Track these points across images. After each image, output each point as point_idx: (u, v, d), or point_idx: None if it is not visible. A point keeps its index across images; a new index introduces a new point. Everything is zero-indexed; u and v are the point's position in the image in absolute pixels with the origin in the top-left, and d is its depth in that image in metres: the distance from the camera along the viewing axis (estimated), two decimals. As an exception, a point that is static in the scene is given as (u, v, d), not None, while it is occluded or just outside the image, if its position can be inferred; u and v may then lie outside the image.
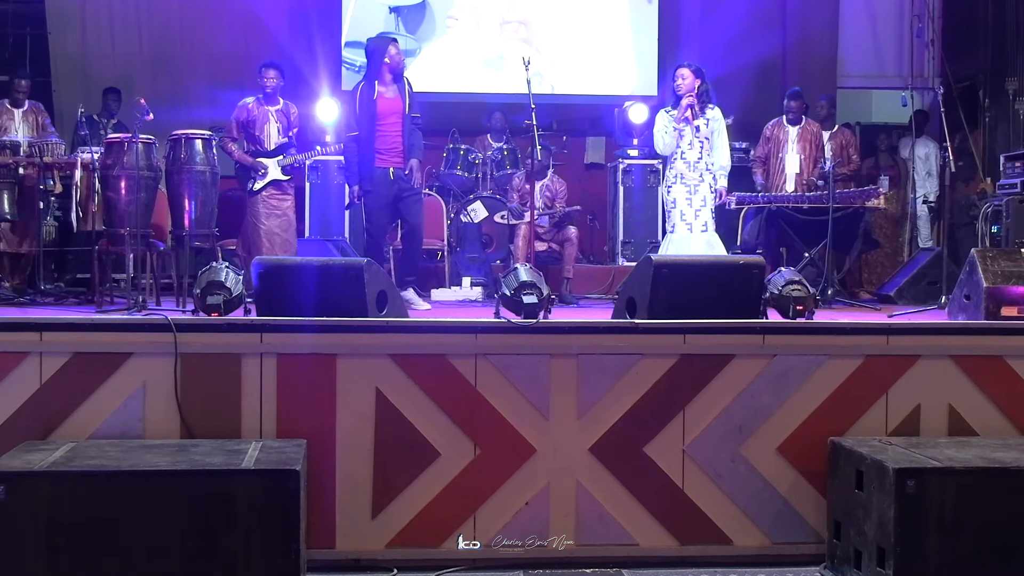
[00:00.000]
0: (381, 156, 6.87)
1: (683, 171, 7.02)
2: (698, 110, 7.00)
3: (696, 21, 10.09)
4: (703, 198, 6.98)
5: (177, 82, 9.59)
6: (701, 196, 6.98)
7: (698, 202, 6.97)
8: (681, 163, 7.03)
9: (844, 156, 8.47)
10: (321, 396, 4.60)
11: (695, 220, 6.95)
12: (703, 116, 7.02)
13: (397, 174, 6.87)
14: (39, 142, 7.04)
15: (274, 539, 3.88)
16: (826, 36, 10.19)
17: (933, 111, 9.24)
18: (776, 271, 5.62)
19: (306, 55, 9.65)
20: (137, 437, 4.51)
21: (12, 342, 4.56)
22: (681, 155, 7.03)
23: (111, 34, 9.74)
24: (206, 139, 6.44)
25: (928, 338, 4.94)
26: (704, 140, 7.00)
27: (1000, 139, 9.69)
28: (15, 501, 3.76)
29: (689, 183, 6.99)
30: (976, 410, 4.82)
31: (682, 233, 6.97)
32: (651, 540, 4.71)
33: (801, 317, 5.17)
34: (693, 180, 7.00)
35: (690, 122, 6.99)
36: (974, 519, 4.02)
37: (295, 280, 4.94)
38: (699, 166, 7.00)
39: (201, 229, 6.34)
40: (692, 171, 7.00)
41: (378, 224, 7.00)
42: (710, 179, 7.03)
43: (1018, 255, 5.47)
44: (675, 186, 7.04)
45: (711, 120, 7.04)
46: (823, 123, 8.53)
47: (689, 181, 6.99)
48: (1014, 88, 9.56)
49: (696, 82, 7.03)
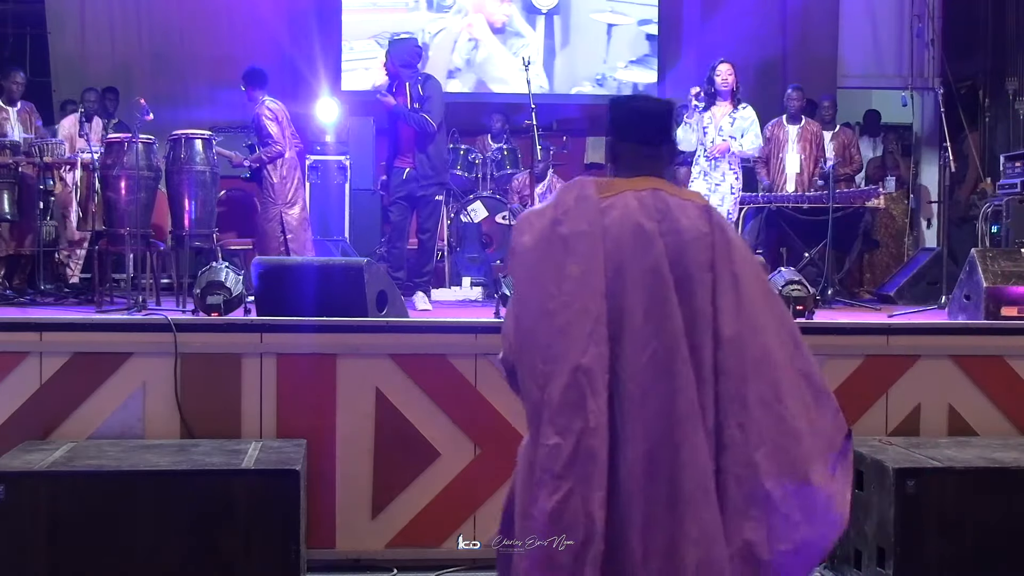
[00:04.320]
0: (398, 156, 6.91)
1: (706, 168, 7.08)
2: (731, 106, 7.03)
3: (696, 21, 10.08)
4: (721, 197, 6.99)
5: (177, 82, 9.57)
6: (720, 195, 6.99)
7: (716, 200, 6.95)
8: (704, 160, 7.09)
9: (846, 156, 8.47)
10: (321, 396, 4.59)
11: None
12: (732, 115, 7.05)
13: (411, 175, 6.87)
14: (39, 142, 7.04)
15: (274, 539, 3.87)
16: (826, 36, 10.18)
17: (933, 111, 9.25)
18: (776, 271, 5.63)
19: (306, 55, 9.64)
20: (137, 437, 4.51)
21: (12, 342, 4.56)
22: (704, 152, 7.09)
23: (111, 34, 9.73)
24: (206, 139, 6.43)
25: (928, 338, 4.94)
26: (728, 139, 7.01)
27: (1000, 139, 9.69)
28: (15, 501, 3.76)
29: (711, 181, 7.04)
30: (976, 410, 4.81)
31: None
32: (651, 540, 4.70)
33: (801, 317, 5.17)
34: (715, 179, 7.03)
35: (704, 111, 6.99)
36: (974, 519, 4.02)
37: (295, 280, 4.94)
38: (721, 165, 7.02)
39: (201, 229, 6.34)
40: (714, 169, 7.03)
41: (392, 223, 7.06)
42: (732, 179, 7.04)
43: (1018, 255, 5.47)
44: (696, 181, 7.09)
45: (739, 119, 7.06)
46: (827, 124, 8.53)
47: (711, 179, 7.04)
48: (1014, 88, 9.55)
49: (736, 81, 7.10)
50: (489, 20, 10.31)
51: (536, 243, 2.33)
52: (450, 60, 10.26)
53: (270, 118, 7.21)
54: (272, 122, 7.20)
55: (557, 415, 2.26)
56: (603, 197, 2.35)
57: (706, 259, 2.30)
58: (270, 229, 7.28)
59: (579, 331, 2.25)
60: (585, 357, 2.24)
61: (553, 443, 2.27)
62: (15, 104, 7.54)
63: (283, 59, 9.38)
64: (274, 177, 7.25)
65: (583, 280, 2.26)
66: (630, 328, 2.26)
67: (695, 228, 2.31)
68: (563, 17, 10.37)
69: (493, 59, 10.25)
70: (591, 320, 2.24)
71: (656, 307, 2.26)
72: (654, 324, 2.25)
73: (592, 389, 2.23)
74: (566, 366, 2.25)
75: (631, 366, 2.25)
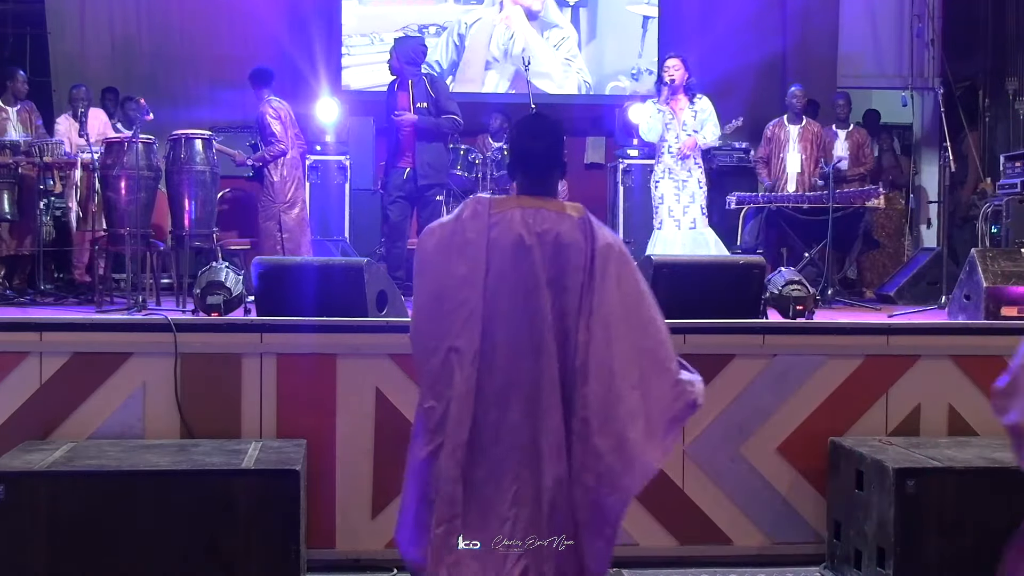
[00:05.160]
0: (398, 156, 6.91)
1: (671, 165, 6.93)
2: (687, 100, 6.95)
3: (696, 21, 10.07)
4: (691, 194, 6.89)
5: (177, 82, 9.57)
6: (689, 192, 6.89)
7: (686, 198, 6.88)
8: (668, 157, 6.94)
9: (860, 155, 8.44)
10: (321, 396, 4.59)
11: (683, 216, 6.89)
12: (692, 107, 6.96)
13: (411, 175, 6.87)
14: (39, 142, 7.04)
15: (274, 539, 3.88)
16: (826, 36, 10.17)
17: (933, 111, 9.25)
18: (776, 271, 5.63)
19: (306, 55, 9.64)
20: (137, 437, 4.51)
21: (12, 342, 4.56)
22: (668, 149, 6.94)
23: (111, 34, 9.72)
24: (206, 139, 6.44)
25: (928, 338, 4.94)
26: (692, 133, 6.93)
27: (1000, 139, 9.69)
28: (15, 501, 3.76)
29: (677, 178, 6.91)
30: (976, 410, 4.81)
31: (669, 230, 6.90)
32: (651, 540, 4.70)
33: (801, 317, 5.17)
34: (682, 175, 6.92)
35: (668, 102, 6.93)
36: (974, 519, 4.02)
37: (295, 280, 4.94)
38: (687, 161, 6.93)
39: (201, 229, 6.34)
40: (680, 166, 6.94)
41: (389, 222, 7.05)
42: (699, 173, 6.96)
43: (1018, 255, 5.47)
44: (663, 181, 6.97)
45: (699, 111, 6.95)
46: (841, 122, 8.51)
47: (677, 176, 6.92)
48: (1014, 88, 9.55)
49: (686, 75, 6.99)
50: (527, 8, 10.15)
51: (436, 247, 2.91)
52: (488, 52, 10.11)
53: (273, 116, 7.22)
54: (275, 120, 7.22)
55: (434, 384, 2.86)
56: (494, 213, 2.90)
57: (579, 263, 2.84)
58: (268, 229, 7.29)
59: (457, 318, 2.82)
60: (459, 340, 2.81)
61: (429, 406, 2.87)
62: (16, 104, 7.55)
63: (283, 58, 9.37)
64: (274, 176, 7.26)
65: (466, 279, 2.83)
66: (504, 318, 2.83)
67: (571, 237, 2.86)
68: (590, 10, 10.22)
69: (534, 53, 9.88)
70: (467, 311, 2.82)
71: (529, 303, 2.83)
72: (525, 315, 2.83)
73: (461, 365, 2.80)
74: (444, 345, 2.83)
75: (503, 347, 2.82)
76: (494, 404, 2.82)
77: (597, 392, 2.81)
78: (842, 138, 8.47)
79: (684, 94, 6.95)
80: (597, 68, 10.22)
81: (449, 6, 10.12)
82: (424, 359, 2.90)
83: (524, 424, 2.82)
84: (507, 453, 2.83)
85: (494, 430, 2.82)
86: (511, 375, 2.82)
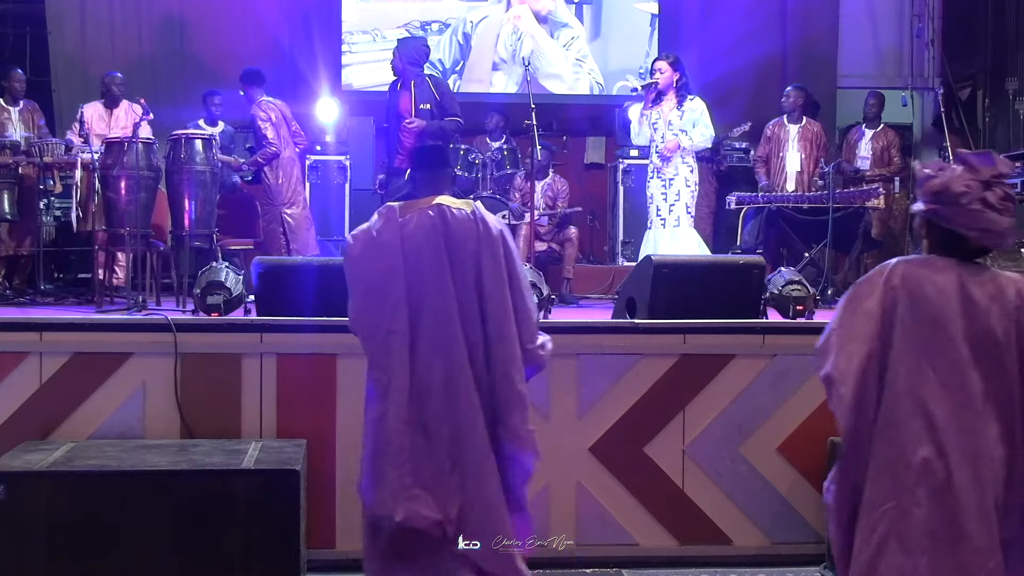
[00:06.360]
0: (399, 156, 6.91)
1: (658, 165, 6.92)
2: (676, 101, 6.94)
3: (696, 21, 10.06)
4: (677, 192, 6.86)
5: (177, 82, 9.57)
6: (675, 190, 6.86)
7: (672, 196, 6.87)
8: (657, 158, 6.94)
9: (886, 156, 8.40)
10: (321, 396, 4.60)
11: (668, 215, 6.89)
12: (679, 108, 6.94)
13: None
14: (39, 142, 7.04)
15: (274, 539, 3.88)
16: (826, 36, 10.16)
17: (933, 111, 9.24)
18: (776, 271, 5.63)
19: (306, 53, 9.63)
20: (137, 437, 4.51)
21: (12, 342, 4.56)
22: (655, 149, 6.96)
23: (111, 34, 9.71)
24: (206, 139, 6.43)
25: (928, 338, 4.93)
26: (679, 133, 6.89)
27: (1000, 139, 9.68)
28: (15, 501, 3.77)
29: (664, 177, 6.91)
30: (976, 410, 4.80)
31: (656, 229, 6.92)
32: (651, 540, 4.71)
33: (801, 317, 5.17)
34: (668, 174, 6.90)
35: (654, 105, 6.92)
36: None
37: (295, 280, 4.94)
38: (674, 160, 6.88)
39: (201, 229, 6.33)
40: (667, 166, 6.91)
41: None
42: (687, 172, 6.94)
43: (1018, 255, 5.48)
44: (652, 180, 6.97)
45: (687, 112, 6.88)
46: (870, 121, 8.47)
47: (664, 175, 6.91)
48: (1014, 88, 9.54)
49: (675, 75, 6.96)
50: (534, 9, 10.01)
51: (361, 251, 3.52)
52: (495, 53, 10.00)
53: (264, 119, 7.24)
54: (267, 123, 7.23)
55: (379, 359, 3.45)
56: (403, 216, 3.51)
57: (472, 247, 3.46)
58: (271, 230, 7.30)
59: (386, 307, 3.43)
60: (392, 324, 3.42)
61: (376, 376, 3.46)
62: (17, 103, 7.55)
63: (283, 58, 9.38)
64: (271, 178, 7.29)
65: (386, 273, 3.44)
66: (424, 302, 3.44)
67: (465, 227, 3.48)
68: (594, 7, 10.09)
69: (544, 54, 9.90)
70: (393, 300, 3.43)
71: (439, 288, 3.44)
72: (437, 298, 3.44)
73: (397, 345, 3.41)
74: (383, 329, 3.43)
75: (425, 327, 3.43)
76: (424, 367, 3.41)
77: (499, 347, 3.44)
78: (868, 137, 8.42)
79: (675, 95, 6.93)
80: (602, 67, 10.13)
81: (453, 3, 10.02)
82: (368, 340, 3.48)
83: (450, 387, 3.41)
84: (438, 406, 3.41)
85: (426, 387, 3.41)
86: (434, 342, 3.42)
